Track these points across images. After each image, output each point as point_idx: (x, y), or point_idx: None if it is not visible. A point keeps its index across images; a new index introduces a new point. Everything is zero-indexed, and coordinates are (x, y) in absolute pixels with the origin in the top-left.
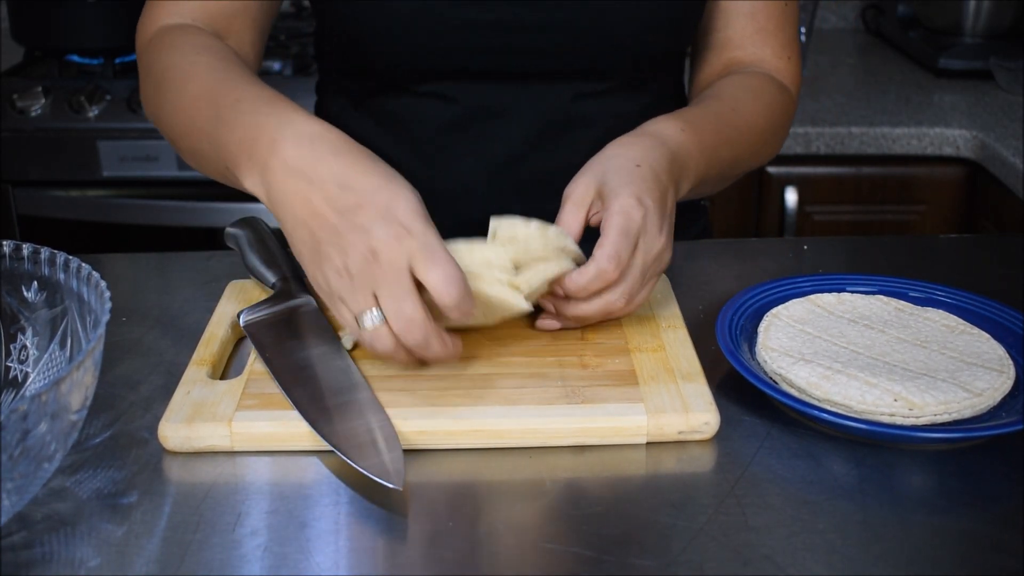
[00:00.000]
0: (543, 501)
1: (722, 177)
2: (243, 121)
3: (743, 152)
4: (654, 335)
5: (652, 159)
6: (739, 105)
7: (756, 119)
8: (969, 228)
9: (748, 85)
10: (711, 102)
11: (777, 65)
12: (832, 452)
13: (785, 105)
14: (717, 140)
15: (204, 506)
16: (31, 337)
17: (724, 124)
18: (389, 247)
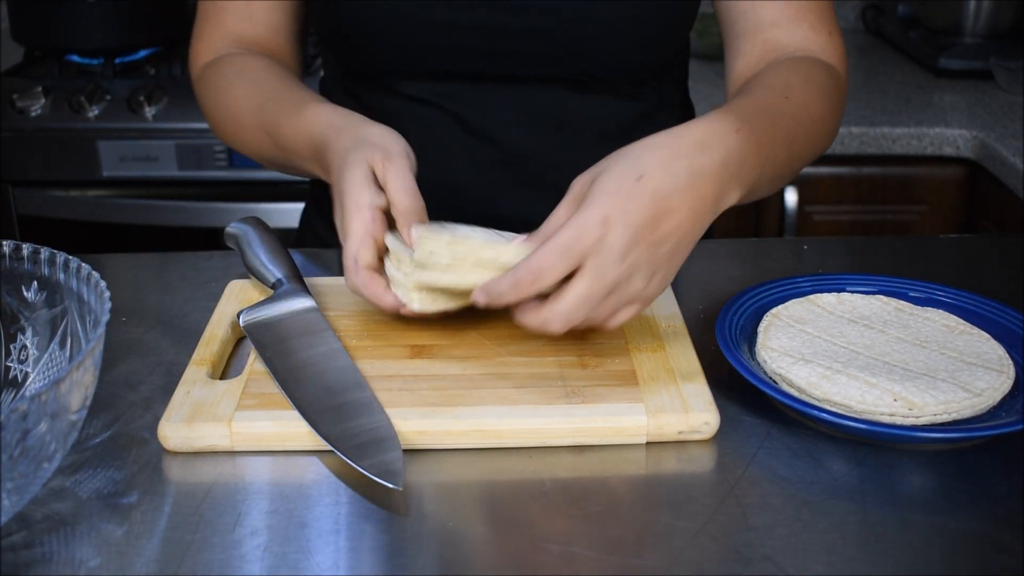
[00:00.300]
0: (543, 501)
1: (777, 178)
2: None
3: (802, 147)
4: (654, 335)
5: (667, 173)
6: (792, 93)
7: (812, 107)
8: (969, 228)
9: (797, 70)
10: (762, 92)
11: (819, 42)
12: (832, 452)
13: (839, 88)
14: (775, 137)
15: (204, 506)
16: (31, 337)
17: (780, 116)
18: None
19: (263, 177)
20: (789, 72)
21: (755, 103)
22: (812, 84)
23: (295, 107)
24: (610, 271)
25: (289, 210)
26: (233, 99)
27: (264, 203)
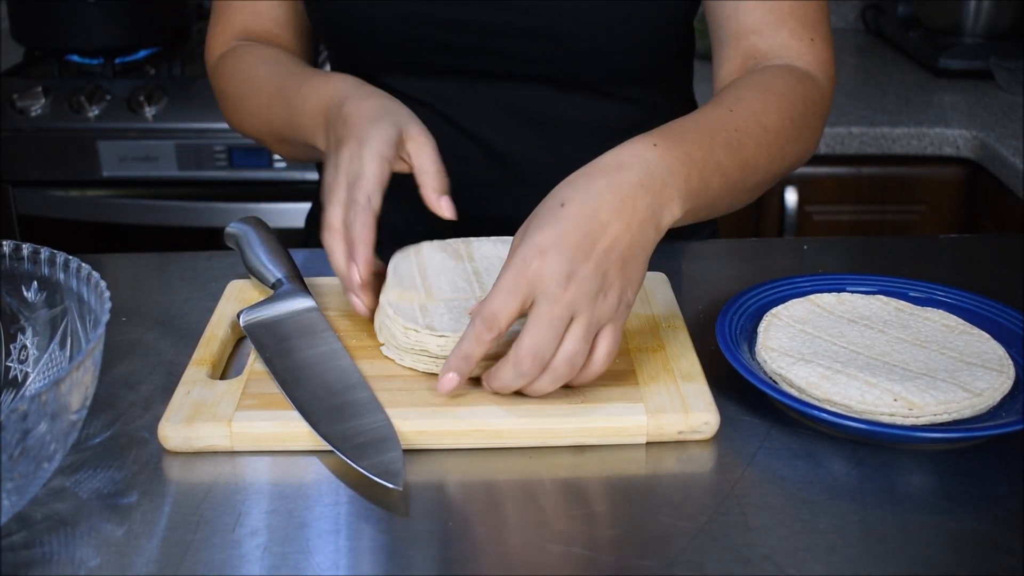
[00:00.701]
0: (543, 501)
1: (735, 188)
2: (310, 96)
3: (753, 155)
4: (654, 335)
5: (588, 194)
6: (739, 105)
7: (764, 116)
8: (969, 228)
9: (755, 82)
10: (705, 108)
11: (799, 48)
12: (832, 452)
13: (807, 92)
14: (709, 147)
15: (204, 506)
16: (31, 337)
17: (718, 128)
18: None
19: (263, 177)
20: (743, 86)
21: (688, 120)
22: (769, 94)
23: (318, 74)
24: (560, 294)
25: (289, 210)
26: (254, 74)
27: (264, 203)
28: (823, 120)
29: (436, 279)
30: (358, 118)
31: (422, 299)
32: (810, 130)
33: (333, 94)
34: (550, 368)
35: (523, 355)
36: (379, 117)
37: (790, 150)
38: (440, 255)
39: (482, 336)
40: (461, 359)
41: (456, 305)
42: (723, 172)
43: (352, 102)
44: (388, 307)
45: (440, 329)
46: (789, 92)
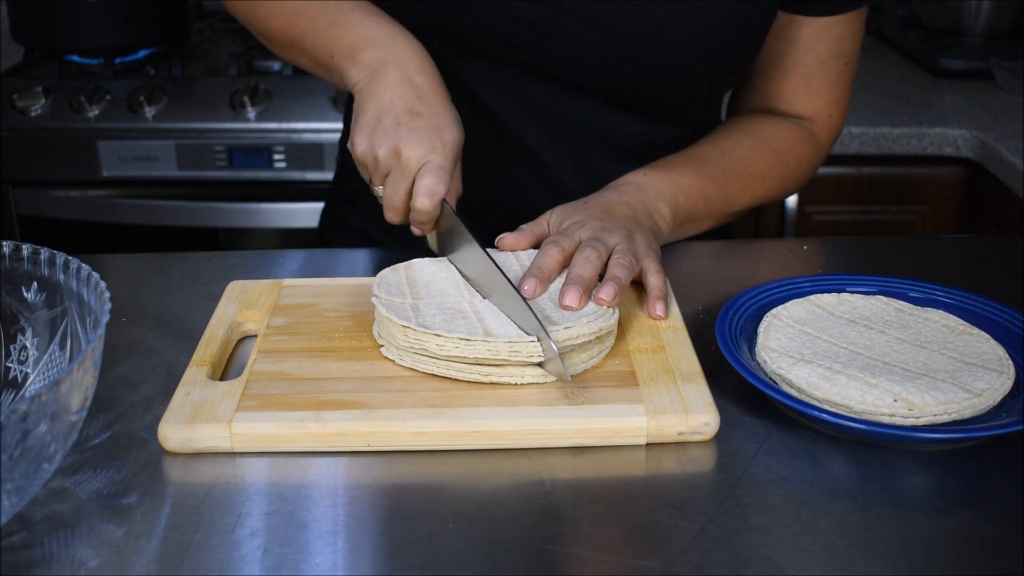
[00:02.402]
0: (543, 502)
1: (718, 213)
2: (361, 24)
3: (735, 191)
4: (654, 335)
5: (600, 198)
6: (733, 152)
7: (753, 164)
8: (969, 228)
9: (757, 133)
10: (701, 146)
11: (817, 122)
12: (832, 453)
13: (804, 151)
14: (695, 177)
15: (204, 507)
16: (31, 338)
17: (706, 165)
18: (413, 154)
19: (263, 177)
20: (746, 134)
21: (680, 155)
22: (764, 148)
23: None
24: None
25: (289, 210)
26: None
27: (264, 203)
28: (812, 173)
29: (425, 288)
30: (435, 102)
31: (413, 303)
32: (795, 181)
33: (394, 38)
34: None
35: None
36: (455, 120)
37: (773, 194)
38: (431, 268)
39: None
40: (537, 268)
41: (448, 307)
42: (707, 199)
43: (426, 74)
44: (380, 307)
45: (434, 328)
46: (785, 151)
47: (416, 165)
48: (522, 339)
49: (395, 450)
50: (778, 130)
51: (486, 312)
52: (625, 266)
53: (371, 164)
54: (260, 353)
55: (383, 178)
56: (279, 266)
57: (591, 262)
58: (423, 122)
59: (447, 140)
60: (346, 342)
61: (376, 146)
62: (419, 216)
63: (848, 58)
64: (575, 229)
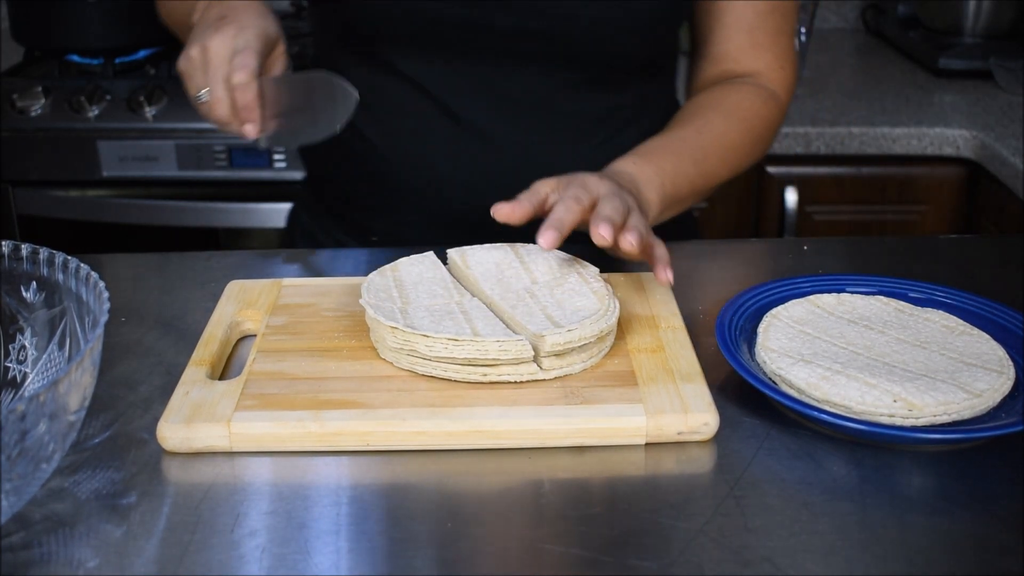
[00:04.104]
0: (542, 502)
1: (699, 191)
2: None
3: (714, 167)
4: (654, 335)
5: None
6: (706, 126)
7: (727, 136)
8: (969, 228)
9: (721, 103)
10: (676, 129)
11: (770, 76)
12: (831, 453)
13: (769, 113)
14: (678, 162)
15: (203, 507)
16: (30, 337)
17: (687, 147)
18: (218, 43)
19: (263, 177)
20: (710, 107)
21: (662, 139)
22: (733, 118)
23: None
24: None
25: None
26: None
27: (264, 203)
28: (776, 132)
29: (413, 289)
30: (244, 10)
31: (401, 306)
32: (764, 144)
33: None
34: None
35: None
36: (263, 15)
37: (746, 162)
38: (418, 268)
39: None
40: (557, 220)
41: (436, 309)
42: (691, 181)
43: None
44: (368, 308)
45: (421, 329)
46: (753, 117)
47: (224, 51)
48: (510, 338)
49: (394, 450)
50: (742, 98)
51: (474, 312)
52: (641, 223)
53: (190, 70)
54: (259, 353)
55: (203, 81)
56: (279, 266)
57: (618, 211)
58: (228, 23)
59: (250, 27)
60: (345, 342)
61: (189, 51)
62: (240, 95)
63: (784, 9)
64: (589, 186)
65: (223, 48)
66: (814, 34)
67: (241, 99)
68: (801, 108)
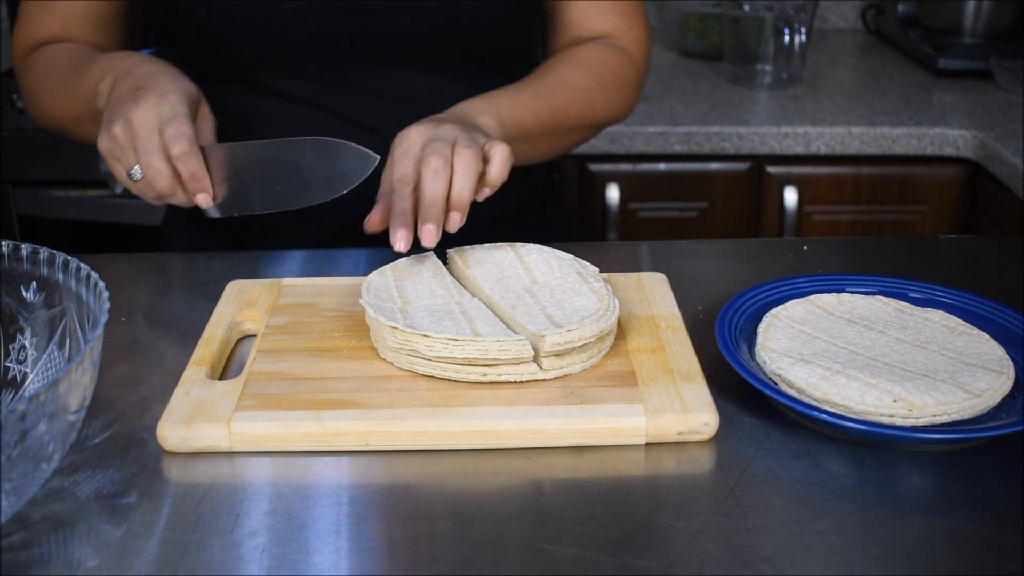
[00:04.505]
0: (542, 502)
1: (550, 127)
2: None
3: (560, 102)
4: (653, 335)
5: (425, 119)
6: (549, 72)
7: (572, 78)
8: (969, 228)
9: (568, 56)
10: (524, 78)
11: (619, 35)
12: (831, 453)
13: (618, 64)
14: (515, 95)
15: (203, 507)
16: (30, 337)
17: (526, 85)
18: (142, 114)
19: None
20: (558, 59)
21: (503, 88)
22: (577, 64)
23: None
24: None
25: None
26: (55, 64)
27: None
28: (635, 87)
29: (414, 289)
30: (158, 76)
31: (401, 306)
32: (618, 93)
33: (128, 58)
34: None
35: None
36: (179, 78)
37: (600, 106)
38: (417, 268)
39: (404, 192)
40: (400, 215)
41: (436, 308)
42: (533, 111)
43: (149, 63)
44: (368, 308)
45: (422, 329)
46: (597, 64)
47: (151, 121)
48: (510, 337)
49: (394, 450)
50: (586, 50)
51: (474, 312)
52: (470, 165)
53: (116, 149)
54: (259, 353)
55: (133, 155)
56: (279, 266)
57: (440, 176)
58: (146, 92)
59: (171, 92)
60: (345, 342)
61: (111, 128)
62: (185, 166)
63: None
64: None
65: (149, 118)
66: (814, 34)
67: (185, 169)
68: (801, 108)
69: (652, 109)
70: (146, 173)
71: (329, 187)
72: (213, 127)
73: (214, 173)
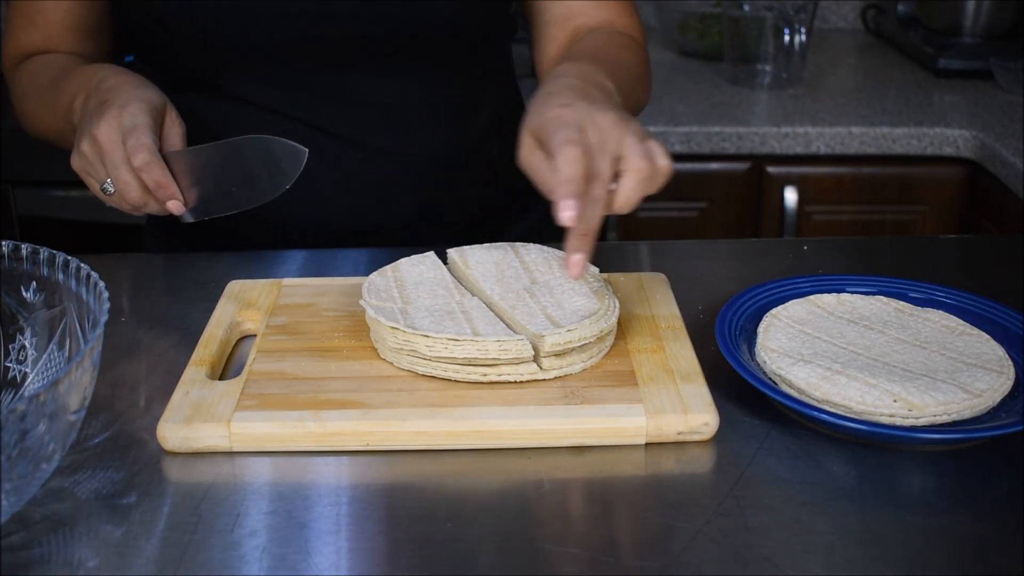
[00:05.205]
0: (542, 502)
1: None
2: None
3: (625, 80)
4: (653, 335)
5: (549, 87)
6: (601, 49)
7: (622, 57)
8: (969, 228)
9: (604, 37)
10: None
11: (620, 21)
12: (831, 453)
13: (641, 52)
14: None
15: (203, 507)
16: (30, 337)
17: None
18: (106, 128)
19: None
20: (597, 39)
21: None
22: (617, 45)
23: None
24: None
25: None
26: (40, 78)
27: None
28: (649, 73)
29: (415, 289)
30: (120, 88)
31: (402, 306)
32: (646, 78)
33: (98, 72)
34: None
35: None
36: (142, 87)
37: (643, 91)
38: (418, 268)
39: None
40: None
41: (437, 308)
42: (617, 77)
43: (115, 76)
44: (369, 308)
45: (422, 329)
46: (630, 47)
47: (114, 135)
48: (510, 337)
49: (394, 450)
50: (613, 35)
51: (474, 311)
52: (637, 194)
53: (86, 166)
54: (259, 353)
55: (103, 169)
56: (279, 266)
57: (599, 204)
58: (108, 106)
59: (132, 102)
60: (345, 342)
61: (80, 145)
62: (148, 176)
63: None
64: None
65: (112, 132)
66: (814, 34)
67: (150, 179)
68: (801, 108)
69: (652, 109)
70: (116, 186)
71: (272, 185)
72: (182, 133)
73: (180, 179)
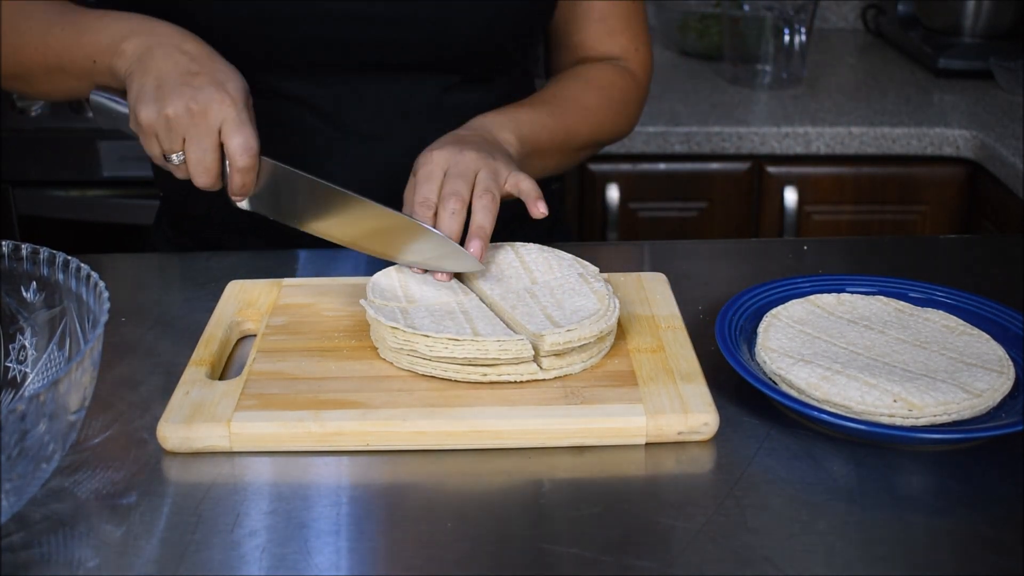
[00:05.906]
0: (542, 502)
1: (564, 145)
2: (114, 22)
3: (573, 122)
4: (653, 335)
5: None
6: (562, 91)
7: (584, 98)
8: (969, 228)
9: (578, 74)
10: (537, 95)
11: (626, 56)
12: (832, 453)
13: (626, 85)
14: (532, 111)
15: (203, 507)
16: (30, 337)
17: (542, 102)
18: (209, 108)
19: None
20: (570, 77)
21: (516, 102)
22: (590, 85)
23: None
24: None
25: None
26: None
27: None
28: (639, 108)
29: (419, 290)
30: (210, 61)
31: (403, 306)
32: (625, 113)
33: (157, 26)
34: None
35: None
36: (232, 68)
37: (608, 126)
38: None
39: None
40: None
41: (437, 308)
42: (548, 129)
43: (192, 42)
44: (369, 308)
45: (422, 330)
46: (609, 86)
47: (215, 119)
48: (511, 337)
49: (394, 450)
50: (597, 70)
51: (475, 311)
52: (488, 207)
53: (163, 129)
54: (259, 353)
55: (180, 142)
56: (279, 266)
57: (457, 218)
58: (205, 79)
59: (234, 92)
60: (345, 342)
61: (164, 108)
62: (241, 176)
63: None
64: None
65: (214, 114)
66: (814, 34)
67: (241, 180)
68: (801, 108)
69: (652, 109)
70: (191, 167)
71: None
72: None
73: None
